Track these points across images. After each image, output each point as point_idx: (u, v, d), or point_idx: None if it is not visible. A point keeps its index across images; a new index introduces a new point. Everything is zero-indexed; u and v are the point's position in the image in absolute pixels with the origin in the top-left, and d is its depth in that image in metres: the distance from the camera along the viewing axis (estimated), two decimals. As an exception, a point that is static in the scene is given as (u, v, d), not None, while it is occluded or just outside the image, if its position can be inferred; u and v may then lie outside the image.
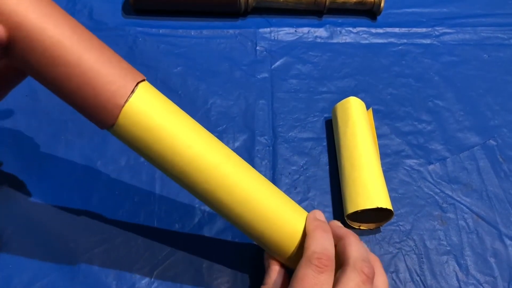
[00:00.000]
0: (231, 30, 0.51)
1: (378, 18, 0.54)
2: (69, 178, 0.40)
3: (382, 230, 0.39)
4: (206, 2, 0.51)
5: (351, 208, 0.37)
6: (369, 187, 0.37)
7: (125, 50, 0.49)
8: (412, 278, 0.37)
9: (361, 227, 0.38)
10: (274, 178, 0.41)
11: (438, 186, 0.42)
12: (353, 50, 0.51)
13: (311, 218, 0.32)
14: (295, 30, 0.52)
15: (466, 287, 0.36)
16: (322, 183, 0.41)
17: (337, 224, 0.33)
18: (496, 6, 0.56)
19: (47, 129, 0.43)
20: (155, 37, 0.50)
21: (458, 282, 0.37)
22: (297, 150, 0.43)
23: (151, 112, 0.27)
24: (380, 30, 0.53)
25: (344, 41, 0.52)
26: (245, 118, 0.45)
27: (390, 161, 0.43)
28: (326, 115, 0.46)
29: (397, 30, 0.53)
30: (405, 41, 0.52)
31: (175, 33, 0.51)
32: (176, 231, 0.38)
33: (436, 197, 0.41)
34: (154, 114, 0.27)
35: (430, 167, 0.43)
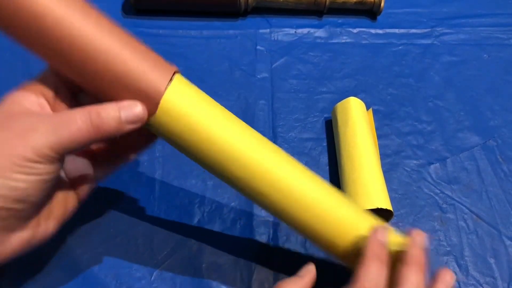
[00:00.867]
0: (231, 30, 0.51)
1: (378, 18, 0.54)
2: (69, 178, 0.40)
3: (382, 230, 0.39)
4: (206, 2, 0.51)
5: None
6: (369, 188, 0.37)
7: (125, 50, 0.48)
8: (411, 278, 0.37)
9: None
10: (274, 178, 0.41)
11: (438, 187, 0.42)
12: (353, 50, 0.51)
13: (373, 240, 0.29)
14: (295, 31, 0.52)
15: (465, 288, 0.37)
16: (322, 184, 0.41)
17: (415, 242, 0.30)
18: (496, 6, 0.56)
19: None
20: (155, 37, 0.50)
21: (458, 283, 0.37)
22: (297, 150, 0.43)
23: (189, 100, 0.28)
24: (380, 31, 0.53)
25: (344, 41, 0.52)
26: (245, 118, 0.45)
27: (390, 161, 0.43)
28: (326, 115, 0.46)
29: (397, 30, 0.53)
30: (405, 41, 0.52)
31: (175, 33, 0.51)
32: (175, 231, 0.38)
33: (436, 197, 0.41)
34: (192, 102, 0.28)
35: (430, 168, 0.43)
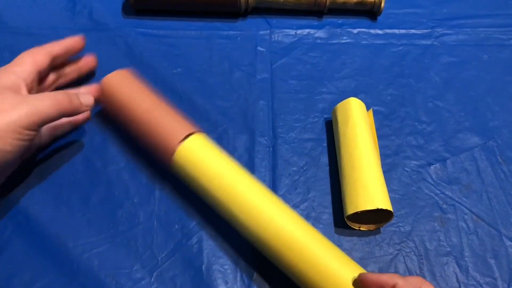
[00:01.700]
0: (231, 31, 0.51)
1: (378, 18, 0.54)
2: (69, 178, 0.40)
3: (382, 231, 0.39)
4: (206, 2, 0.51)
5: (351, 209, 0.37)
6: (369, 188, 0.37)
7: (125, 51, 0.49)
8: (412, 279, 0.37)
9: (361, 228, 0.38)
10: (274, 179, 0.41)
11: (438, 187, 0.42)
12: (353, 51, 0.51)
13: (372, 277, 0.30)
14: (295, 32, 0.52)
15: (466, 288, 0.37)
16: (322, 184, 0.41)
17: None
18: (496, 6, 0.56)
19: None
20: (155, 37, 0.50)
21: (458, 283, 0.37)
22: (297, 151, 0.43)
23: (200, 153, 0.36)
24: (380, 31, 0.53)
25: (344, 41, 0.52)
26: (245, 118, 0.45)
27: (390, 162, 0.43)
28: (326, 116, 0.46)
29: (397, 31, 0.53)
30: (405, 41, 0.52)
31: (175, 33, 0.51)
32: (175, 232, 0.38)
33: (436, 198, 0.41)
34: (203, 155, 0.36)
35: (430, 168, 0.43)
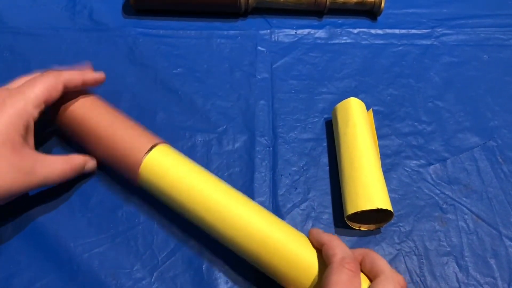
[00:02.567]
0: (231, 31, 0.51)
1: (378, 18, 0.54)
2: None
3: (382, 231, 0.39)
4: (206, 2, 0.51)
5: (351, 209, 0.37)
6: (369, 188, 0.37)
7: (125, 51, 0.49)
8: (412, 279, 0.37)
9: (361, 228, 0.38)
10: (274, 178, 0.41)
11: (438, 187, 0.42)
12: (353, 51, 0.51)
13: (317, 232, 0.33)
14: (295, 32, 0.52)
15: (466, 288, 0.37)
16: (322, 184, 0.41)
17: (318, 231, 0.34)
18: (496, 7, 0.56)
19: (47, 129, 0.43)
20: (155, 37, 0.50)
21: (458, 283, 0.37)
22: (297, 150, 0.43)
23: (165, 164, 0.35)
24: (380, 31, 0.53)
25: (344, 41, 0.52)
26: (245, 118, 0.45)
27: (390, 162, 0.43)
28: (326, 116, 0.46)
29: (397, 31, 0.53)
30: (405, 41, 0.52)
31: (175, 33, 0.51)
32: (176, 231, 0.38)
33: (436, 198, 0.41)
34: (168, 166, 0.35)
35: (430, 168, 0.43)
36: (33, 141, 0.35)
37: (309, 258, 0.32)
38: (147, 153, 0.35)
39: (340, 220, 0.39)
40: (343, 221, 0.38)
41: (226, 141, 0.43)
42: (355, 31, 0.53)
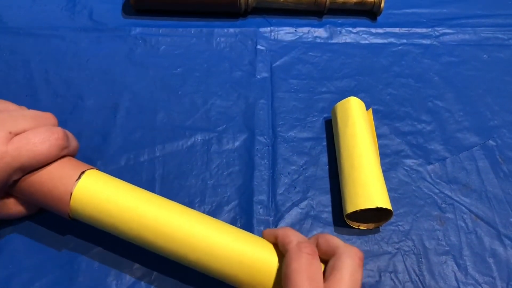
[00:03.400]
0: (231, 30, 0.51)
1: (378, 18, 0.54)
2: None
3: (381, 230, 0.39)
4: (206, 2, 0.51)
5: (351, 207, 0.37)
6: (368, 187, 0.37)
7: (125, 51, 0.49)
8: (411, 278, 0.37)
9: (360, 227, 0.39)
10: (273, 177, 0.41)
11: (437, 186, 0.42)
12: (353, 50, 0.51)
13: (269, 229, 0.34)
14: (295, 30, 0.52)
15: (464, 287, 0.37)
16: (322, 183, 0.41)
17: (271, 229, 0.35)
18: (496, 6, 0.56)
19: None
20: (155, 37, 0.50)
21: (457, 282, 0.37)
22: (296, 150, 0.43)
23: (97, 191, 0.32)
24: (380, 30, 0.53)
25: (344, 41, 0.52)
26: (245, 118, 0.45)
27: (389, 161, 0.43)
28: (325, 115, 0.46)
29: (397, 30, 0.53)
30: (405, 41, 0.52)
31: (175, 33, 0.51)
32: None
33: (435, 197, 0.41)
34: (100, 193, 0.32)
35: (430, 167, 0.43)
36: None
37: (265, 256, 0.31)
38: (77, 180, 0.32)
39: (339, 219, 0.39)
40: (342, 220, 0.38)
41: (226, 140, 0.43)
42: (355, 30, 0.53)
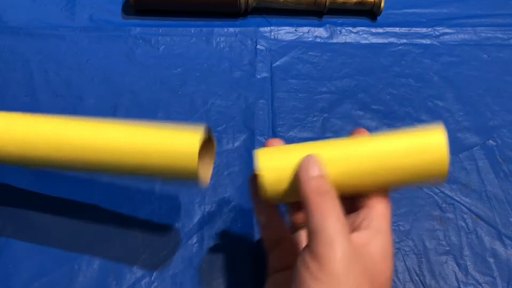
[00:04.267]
0: (231, 29, 0.51)
1: (378, 18, 0.54)
2: (69, 177, 0.40)
3: (381, 230, 0.39)
4: (206, 3, 0.51)
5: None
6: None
7: (125, 51, 0.49)
8: (411, 278, 0.37)
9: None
10: (273, 178, 0.41)
11: (438, 186, 0.42)
12: (353, 50, 0.51)
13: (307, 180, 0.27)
14: (295, 30, 0.52)
15: (465, 287, 0.37)
16: (322, 183, 0.41)
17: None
18: (496, 6, 0.56)
19: (47, 129, 0.43)
20: (155, 37, 0.50)
21: (457, 282, 0.37)
22: (296, 150, 0.43)
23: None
24: (380, 30, 0.53)
25: (344, 41, 0.52)
26: (245, 118, 0.45)
27: (389, 161, 0.43)
28: (325, 115, 0.46)
29: (397, 30, 0.53)
30: (405, 41, 0.52)
31: (175, 33, 0.51)
32: (176, 231, 0.38)
33: (435, 197, 0.41)
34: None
35: (430, 167, 0.43)
36: None
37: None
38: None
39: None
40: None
41: (226, 140, 0.43)
42: (355, 30, 0.53)
